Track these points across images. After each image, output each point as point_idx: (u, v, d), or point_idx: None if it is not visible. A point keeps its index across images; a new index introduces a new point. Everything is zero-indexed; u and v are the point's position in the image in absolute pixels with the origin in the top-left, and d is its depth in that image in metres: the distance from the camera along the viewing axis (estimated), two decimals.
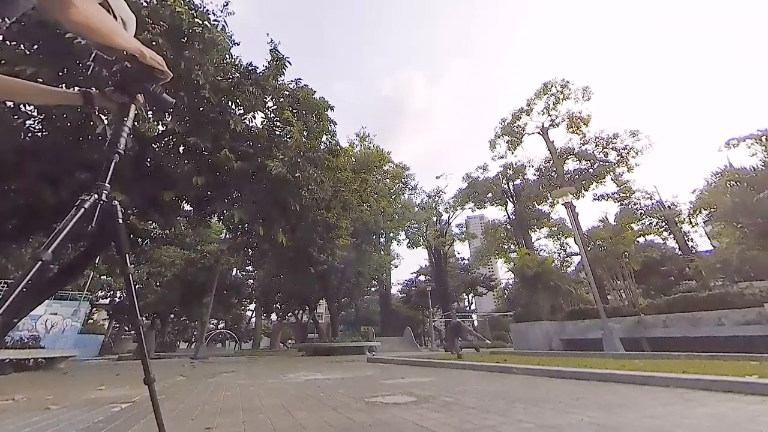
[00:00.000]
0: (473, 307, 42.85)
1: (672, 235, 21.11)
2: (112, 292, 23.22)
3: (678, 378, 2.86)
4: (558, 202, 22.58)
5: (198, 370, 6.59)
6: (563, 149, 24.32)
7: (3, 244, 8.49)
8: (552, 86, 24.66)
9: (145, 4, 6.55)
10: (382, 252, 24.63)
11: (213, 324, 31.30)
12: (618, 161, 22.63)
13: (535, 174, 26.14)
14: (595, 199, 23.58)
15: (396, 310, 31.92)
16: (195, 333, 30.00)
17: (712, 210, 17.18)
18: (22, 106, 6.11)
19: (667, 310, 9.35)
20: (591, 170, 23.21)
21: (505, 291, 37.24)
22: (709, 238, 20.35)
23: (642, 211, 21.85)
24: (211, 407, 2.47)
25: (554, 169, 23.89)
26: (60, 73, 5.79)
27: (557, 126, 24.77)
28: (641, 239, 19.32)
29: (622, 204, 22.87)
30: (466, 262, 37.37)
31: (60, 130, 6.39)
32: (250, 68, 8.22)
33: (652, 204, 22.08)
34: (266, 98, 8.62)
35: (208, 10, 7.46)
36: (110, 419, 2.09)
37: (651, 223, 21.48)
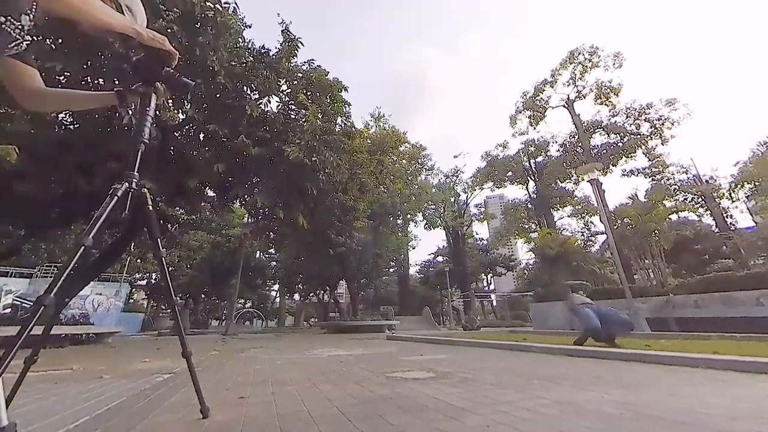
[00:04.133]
0: (492, 287, 42.77)
1: (709, 212, 19.79)
2: (148, 274, 24.89)
3: (708, 359, 2.77)
4: (583, 179, 21.57)
5: (229, 346, 7.05)
6: (590, 122, 22.93)
7: (49, 231, 9.22)
8: (579, 54, 22.96)
9: None
10: (400, 233, 24.75)
11: (240, 303, 33.10)
12: (651, 133, 21.13)
13: (558, 150, 24.97)
14: (624, 174, 22.34)
15: (414, 290, 32.41)
16: (225, 311, 31.88)
17: (756, 183, 15.87)
18: None
19: (700, 289, 8.94)
20: (620, 144, 21.85)
21: (525, 271, 36.74)
22: (751, 213, 18.93)
23: (676, 187, 20.51)
24: (243, 379, 2.66)
25: (580, 144, 22.68)
26: (84, 66, 5.99)
27: (584, 97, 23.24)
28: (674, 216, 18.30)
29: (654, 179, 21.55)
30: (485, 242, 36.98)
31: (89, 122, 6.69)
32: (263, 51, 8.16)
33: (688, 179, 20.65)
34: (280, 81, 8.59)
35: None
36: (155, 387, 2.31)
37: (686, 199, 20.18)
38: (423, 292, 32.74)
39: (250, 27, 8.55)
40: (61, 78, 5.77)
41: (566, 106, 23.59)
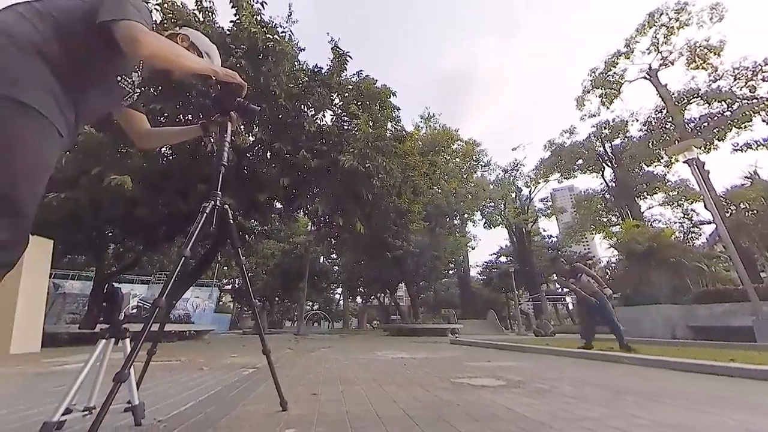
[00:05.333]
0: (566, 289, 38.54)
1: None
2: (232, 280, 28.37)
3: None
4: (677, 160, 18.22)
5: (301, 345, 7.62)
6: (682, 92, 19.33)
7: (158, 246, 11.17)
8: (662, 14, 19.61)
9: (228, 32, 7.53)
10: (457, 234, 23.98)
11: (309, 305, 35.57)
12: None
13: (640, 129, 21.57)
14: (735, 149, 18.25)
15: (476, 292, 30.96)
16: (296, 313, 34.63)
17: None
18: None
19: None
20: (728, 113, 17.93)
21: (607, 270, 32.25)
22: None
23: None
24: (314, 377, 2.85)
25: (669, 119, 19.27)
26: (177, 105, 7.16)
27: (671, 64, 19.73)
28: None
29: None
30: (555, 239, 33.61)
31: (183, 152, 7.95)
32: (316, 70, 8.75)
33: None
34: (332, 96, 9.09)
35: (276, 23, 8.15)
36: (243, 380, 2.61)
37: None
38: (486, 295, 31.06)
39: (303, 50, 9.25)
40: (161, 118, 6.99)
41: (648, 77, 20.28)
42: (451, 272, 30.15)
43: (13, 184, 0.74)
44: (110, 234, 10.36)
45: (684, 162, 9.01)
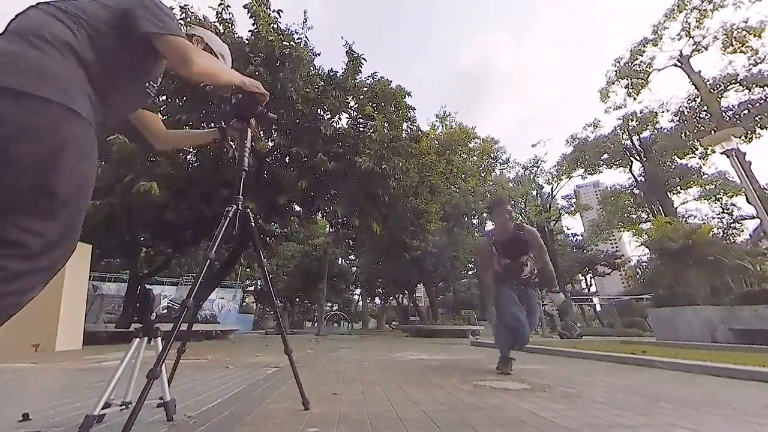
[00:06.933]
0: (593, 289, 36.96)
1: None
2: (255, 281, 29.21)
3: None
4: (714, 151, 17.07)
5: (321, 345, 7.73)
6: (718, 79, 18.10)
7: (186, 249, 11.66)
8: None
9: (246, 42, 7.78)
10: (477, 233, 23.55)
11: (328, 306, 36.01)
12: None
13: (672, 120, 20.37)
14: None
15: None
16: (316, 314, 35.17)
17: None
18: None
19: None
20: None
21: (638, 270, 30.63)
22: None
23: None
24: (335, 376, 2.88)
25: (704, 107, 18.08)
26: (201, 115, 7.47)
27: (704, 49, 18.52)
28: None
29: None
30: (580, 238, 32.31)
31: (207, 159, 8.27)
32: (331, 74, 8.87)
33: None
34: (348, 99, 9.18)
35: (292, 30, 8.33)
36: (266, 379, 2.67)
37: None
38: None
39: (319, 55, 9.40)
40: (186, 127, 7.32)
41: (679, 64, 19.11)
42: (470, 272, 29.59)
43: (72, 190, 0.75)
44: (142, 238, 10.95)
45: (722, 153, 8.43)
